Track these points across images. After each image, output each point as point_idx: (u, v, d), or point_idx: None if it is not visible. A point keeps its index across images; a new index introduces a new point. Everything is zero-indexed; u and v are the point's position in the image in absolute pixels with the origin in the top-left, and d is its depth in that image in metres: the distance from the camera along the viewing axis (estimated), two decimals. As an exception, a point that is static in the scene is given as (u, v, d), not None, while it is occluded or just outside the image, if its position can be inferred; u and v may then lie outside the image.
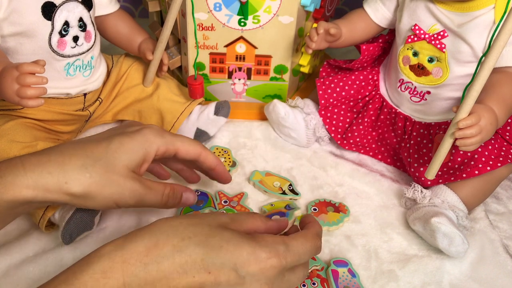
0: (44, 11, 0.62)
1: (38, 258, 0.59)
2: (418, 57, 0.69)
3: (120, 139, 0.51)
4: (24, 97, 0.53)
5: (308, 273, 0.46)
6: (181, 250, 0.42)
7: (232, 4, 0.73)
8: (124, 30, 0.76)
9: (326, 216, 0.67)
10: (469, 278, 0.61)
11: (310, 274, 0.59)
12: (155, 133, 0.54)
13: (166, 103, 0.76)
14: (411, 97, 0.72)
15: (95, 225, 0.62)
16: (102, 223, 0.64)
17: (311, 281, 0.58)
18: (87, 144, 0.51)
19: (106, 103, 0.77)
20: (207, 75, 0.82)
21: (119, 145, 0.51)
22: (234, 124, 0.82)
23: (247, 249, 0.43)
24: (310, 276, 0.58)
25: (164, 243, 0.42)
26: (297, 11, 0.74)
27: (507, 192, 0.74)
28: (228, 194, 0.69)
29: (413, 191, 0.68)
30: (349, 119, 0.77)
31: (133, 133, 0.53)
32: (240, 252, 0.42)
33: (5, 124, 0.64)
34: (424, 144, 0.71)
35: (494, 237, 0.66)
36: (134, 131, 0.53)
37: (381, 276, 0.60)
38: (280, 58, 0.80)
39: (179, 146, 0.55)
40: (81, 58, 0.68)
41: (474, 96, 0.56)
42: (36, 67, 0.53)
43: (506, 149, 0.66)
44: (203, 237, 0.43)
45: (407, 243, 0.65)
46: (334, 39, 0.73)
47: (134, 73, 0.78)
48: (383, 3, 0.74)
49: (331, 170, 0.76)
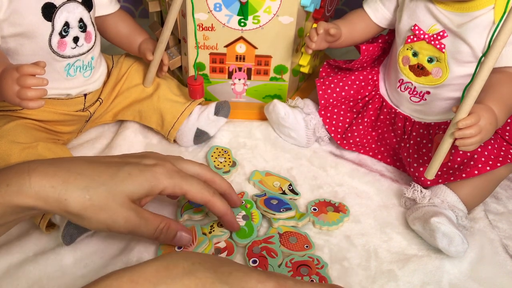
0: (44, 12, 0.62)
1: (38, 258, 0.59)
2: (417, 57, 0.69)
3: (129, 170, 0.52)
4: (25, 98, 0.53)
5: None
6: (191, 273, 0.41)
7: (232, 5, 0.73)
8: (124, 30, 0.76)
9: (326, 216, 0.67)
10: (469, 278, 0.61)
11: (309, 271, 0.59)
12: (166, 174, 0.54)
13: (166, 103, 0.76)
14: (411, 97, 0.72)
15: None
16: (102, 223, 0.64)
17: (309, 278, 0.58)
18: (97, 165, 0.52)
19: (106, 104, 0.77)
20: (207, 75, 0.82)
21: (127, 175, 0.52)
22: (234, 124, 0.82)
23: (256, 277, 0.42)
24: (309, 273, 0.59)
25: (175, 266, 0.41)
26: (297, 11, 0.74)
27: (507, 192, 0.74)
28: None
29: (413, 191, 0.68)
30: (349, 119, 0.77)
31: (145, 167, 0.54)
32: (249, 279, 0.42)
33: (5, 125, 0.64)
34: (424, 144, 0.71)
35: (493, 237, 0.66)
36: (146, 165, 0.54)
37: (381, 276, 0.60)
38: (280, 58, 0.80)
39: (187, 190, 0.55)
40: (81, 59, 0.69)
41: (474, 96, 0.56)
42: (36, 68, 0.53)
43: (506, 149, 0.66)
44: (213, 263, 0.43)
45: (406, 243, 0.65)
46: (334, 39, 0.73)
47: (134, 73, 0.78)
48: (383, 4, 0.74)
49: (331, 170, 0.76)
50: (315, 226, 0.66)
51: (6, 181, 0.48)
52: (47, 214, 0.59)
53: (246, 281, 0.42)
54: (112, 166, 0.52)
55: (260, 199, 0.67)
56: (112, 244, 0.61)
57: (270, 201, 0.67)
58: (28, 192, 0.48)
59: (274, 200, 0.68)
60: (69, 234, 0.59)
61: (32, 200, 0.48)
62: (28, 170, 0.49)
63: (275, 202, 0.67)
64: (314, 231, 0.66)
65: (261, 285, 0.42)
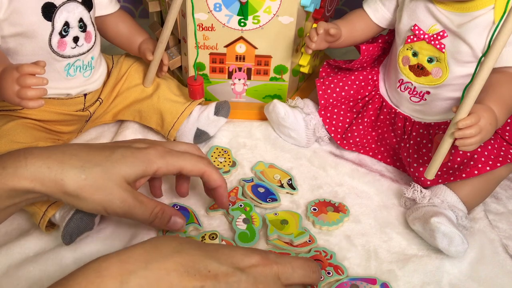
0: (44, 12, 0.62)
1: (38, 258, 0.59)
2: (417, 57, 0.69)
3: (123, 152, 0.53)
4: (25, 98, 0.54)
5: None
6: (181, 251, 0.43)
7: (232, 5, 0.73)
8: (124, 30, 0.76)
9: (326, 216, 0.67)
10: (469, 278, 0.61)
11: (322, 265, 0.59)
12: (158, 155, 0.55)
13: (166, 103, 0.76)
14: (411, 97, 0.72)
15: (95, 226, 0.62)
16: (102, 224, 0.64)
17: (325, 272, 0.58)
18: (91, 149, 0.53)
19: (106, 103, 0.77)
20: (207, 75, 0.82)
21: (121, 157, 0.52)
22: (234, 124, 0.82)
23: (242, 252, 0.45)
24: (323, 267, 0.59)
25: (163, 246, 0.43)
26: (297, 11, 0.74)
27: (507, 192, 0.74)
28: None
29: (413, 191, 0.68)
30: (349, 119, 0.77)
31: (137, 149, 0.54)
32: (235, 253, 0.45)
33: (5, 124, 0.64)
34: (424, 144, 0.71)
35: (493, 237, 0.66)
36: (139, 148, 0.55)
37: (381, 276, 0.60)
38: (280, 58, 0.80)
39: (183, 166, 0.56)
40: (81, 59, 0.69)
41: (474, 96, 0.56)
42: (36, 68, 0.53)
43: (506, 149, 0.66)
44: (199, 244, 0.45)
45: (406, 243, 0.65)
46: (334, 39, 0.73)
47: (134, 73, 0.78)
48: (382, 4, 0.74)
49: (331, 170, 0.76)
50: (315, 226, 0.66)
51: (1, 164, 0.48)
52: (47, 213, 0.59)
53: (233, 255, 0.44)
54: (105, 149, 0.53)
55: (248, 185, 0.69)
56: (112, 244, 0.61)
57: (257, 189, 0.69)
58: (24, 174, 0.48)
59: (261, 188, 0.69)
60: (69, 234, 0.59)
61: (29, 181, 0.48)
62: (24, 154, 0.49)
63: (262, 190, 0.69)
64: (314, 231, 0.66)
65: (247, 258, 0.45)
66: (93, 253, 0.60)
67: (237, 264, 0.44)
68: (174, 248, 0.43)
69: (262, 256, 0.46)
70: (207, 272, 0.42)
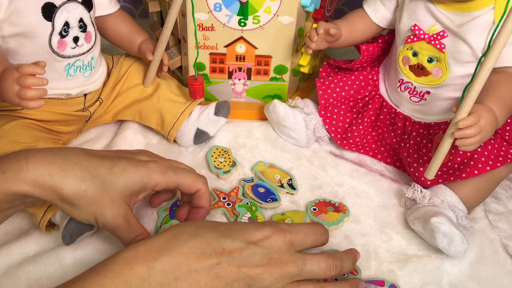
0: (44, 12, 0.62)
1: (38, 258, 0.59)
2: (417, 57, 0.69)
3: (124, 165, 0.53)
4: (25, 98, 0.54)
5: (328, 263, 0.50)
6: (197, 235, 0.46)
7: (232, 5, 0.73)
8: (124, 30, 0.76)
9: (326, 216, 0.67)
10: (469, 278, 0.61)
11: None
12: (159, 170, 0.55)
13: (166, 103, 0.76)
14: (411, 97, 0.72)
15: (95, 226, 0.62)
16: (102, 223, 0.64)
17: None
18: (93, 158, 0.53)
19: (106, 104, 0.77)
20: (207, 75, 0.82)
21: (122, 171, 0.53)
22: (234, 124, 0.82)
23: (253, 226, 0.49)
24: None
25: (181, 232, 0.47)
26: (297, 11, 0.74)
27: (507, 192, 0.74)
28: (224, 190, 0.69)
29: (413, 191, 0.68)
30: (349, 119, 0.77)
31: (139, 162, 0.55)
32: (247, 228, 0.48)
33: (5, 124, 0.64)
34: (424, 144, 0.71)
35: (493, 237, 0.66)
36: (141, 161, 0.55)
37: (381, 276, 0.60)
38: (280, 58, 0.80)
39: (183, 182, 0.57)
40: (81, 59, 0.69)
41: (474, 96, 0.56)
42: (36, 68, 0.53)
43: (506, 149, 0.66)
44: (214, 225, 0.49)
45: (406, 243, 0.65)
46: (334, 39, 0.73)
47: (134, 73, 0.78)
48: (382, 4, 0.74)
49: (331, 170, 0.76)
50: (315, 226, 0.66)
51: (2, 168, 0.48)
52: (47, 213, 0.59)
53: (245, 231, 0.48)
54: (108, 160, 0.53)
55: (248, 185, 0.69)
56: (112, 244, 0.61)
57: (258, 189, 0.69)
58: (25, 179, 0.48)
59: (261, 188, 0.69)
60: (69, 234, 0.59)
61: (29, 187, 0.48)
62: (26, 157, 0.49)
63: (262, 190, 0.69)
64: (314, 231, 0.66)
65: (259, 232, 0.48)
66: (93, 253, 0.60)
67: (250, 238, 0.47)
68: (190, 234, 0.47)
69: (273, 227, 0.49)
70: (222, 250, 0.45)
